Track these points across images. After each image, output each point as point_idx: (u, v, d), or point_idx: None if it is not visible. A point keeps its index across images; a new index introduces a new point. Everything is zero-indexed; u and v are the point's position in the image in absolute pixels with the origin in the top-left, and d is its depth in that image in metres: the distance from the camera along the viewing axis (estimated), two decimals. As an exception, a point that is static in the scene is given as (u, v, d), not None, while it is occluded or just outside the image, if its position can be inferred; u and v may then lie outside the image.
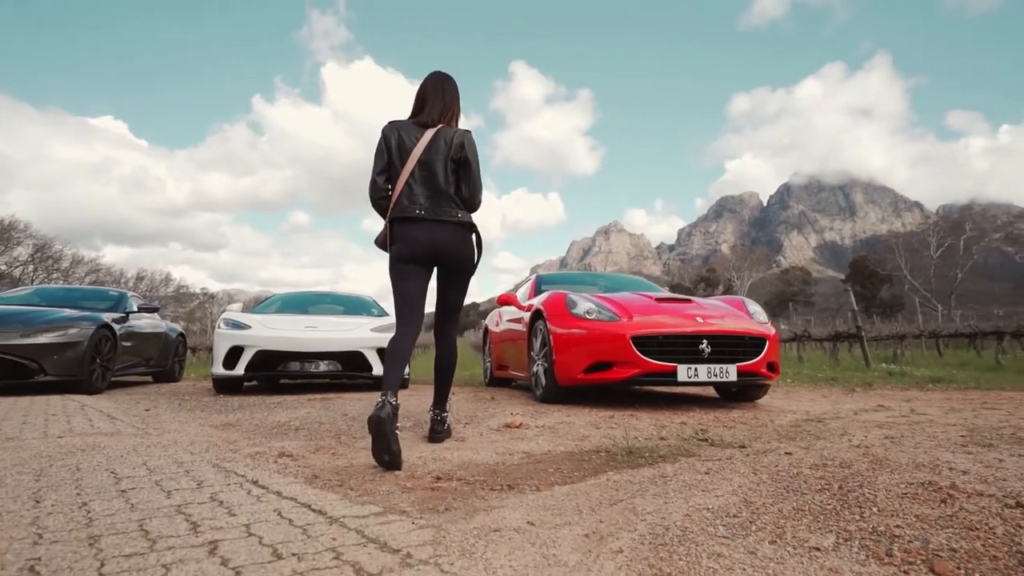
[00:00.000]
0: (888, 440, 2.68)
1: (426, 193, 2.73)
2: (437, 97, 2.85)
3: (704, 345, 3.97)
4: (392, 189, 2.77)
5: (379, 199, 2.81)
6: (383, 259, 2.86)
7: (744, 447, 2.64)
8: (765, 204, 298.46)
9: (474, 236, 2.86)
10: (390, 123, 2.83)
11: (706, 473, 2.05)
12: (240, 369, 5.61)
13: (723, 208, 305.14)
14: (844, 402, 4.67)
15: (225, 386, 5.91)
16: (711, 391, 5.50)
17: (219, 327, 5.90)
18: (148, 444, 2.80)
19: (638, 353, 3.94)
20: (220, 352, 5.68)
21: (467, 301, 3.21)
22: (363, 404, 4.62)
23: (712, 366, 3.92)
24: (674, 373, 3.90)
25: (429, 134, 2.75)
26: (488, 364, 6.99)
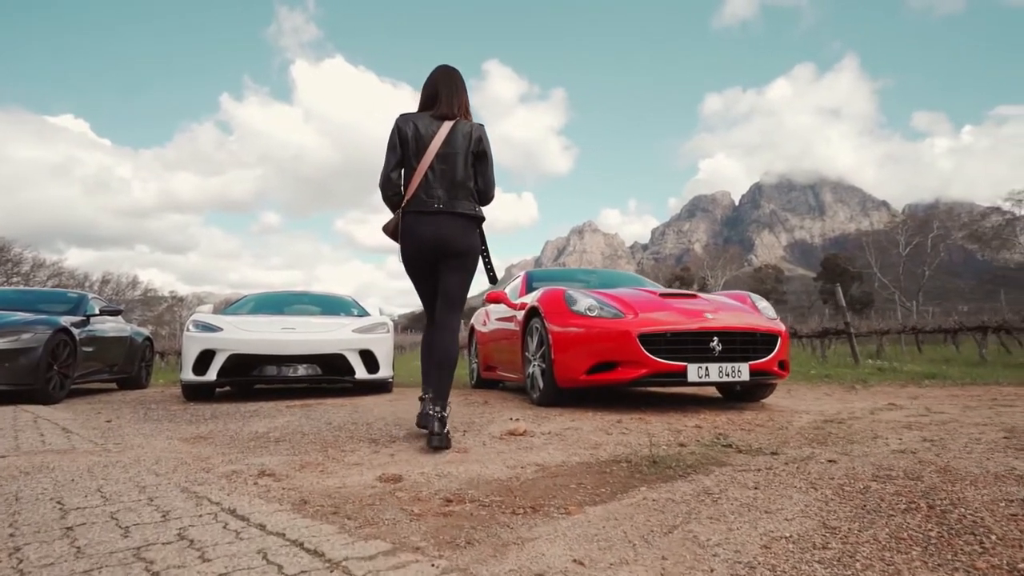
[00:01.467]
0: (929, 444, 2.47)
1: (444, 186, 2.66)
2: (451, 90, 2.78)
3: (715, 343, 3.73)
4: (406, 183, 2.70)
5: (392, 195, 2.73)
6: (357, 260, 2.76)
7: (776, 454, 2.40)
8: (737, 203, 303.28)
9: (479, 230, 2.79)
10: (403, 115, 2.76)
11: (755, 488, 1.80)
12: (212, 374, 5.22)
13: (696, 207, 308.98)
14: (851, 401, 4.49)
15: (195, 393, 5.52)
16: (712, 391, 5.28)
17: (188, 330, 5.49)
18: (106, 463, 2.45)
19: (645, 352, 3.68)
20: (190, 356, 5.29)
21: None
22: (347, 411, 4.28)
23: (724, 365, 3.68)
24: (684, 373, 3.65)
25: (447, 127, 2.69)
26: (475, 365, 6.71)
